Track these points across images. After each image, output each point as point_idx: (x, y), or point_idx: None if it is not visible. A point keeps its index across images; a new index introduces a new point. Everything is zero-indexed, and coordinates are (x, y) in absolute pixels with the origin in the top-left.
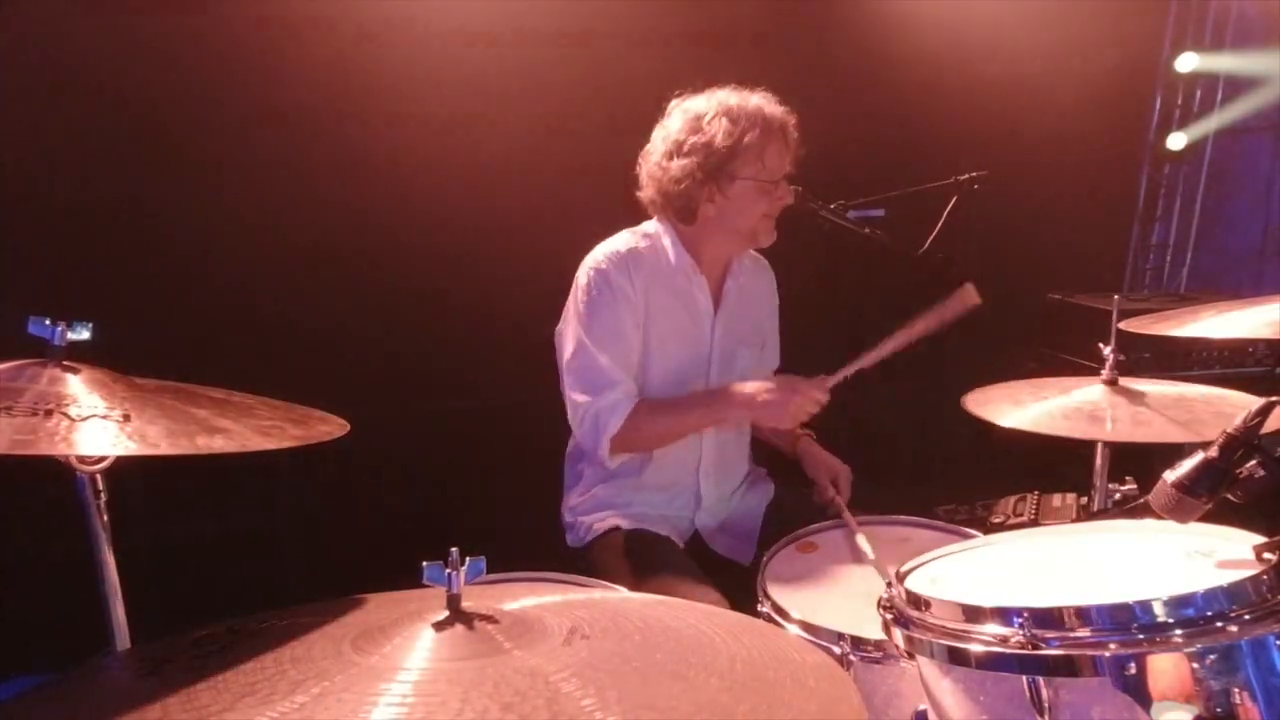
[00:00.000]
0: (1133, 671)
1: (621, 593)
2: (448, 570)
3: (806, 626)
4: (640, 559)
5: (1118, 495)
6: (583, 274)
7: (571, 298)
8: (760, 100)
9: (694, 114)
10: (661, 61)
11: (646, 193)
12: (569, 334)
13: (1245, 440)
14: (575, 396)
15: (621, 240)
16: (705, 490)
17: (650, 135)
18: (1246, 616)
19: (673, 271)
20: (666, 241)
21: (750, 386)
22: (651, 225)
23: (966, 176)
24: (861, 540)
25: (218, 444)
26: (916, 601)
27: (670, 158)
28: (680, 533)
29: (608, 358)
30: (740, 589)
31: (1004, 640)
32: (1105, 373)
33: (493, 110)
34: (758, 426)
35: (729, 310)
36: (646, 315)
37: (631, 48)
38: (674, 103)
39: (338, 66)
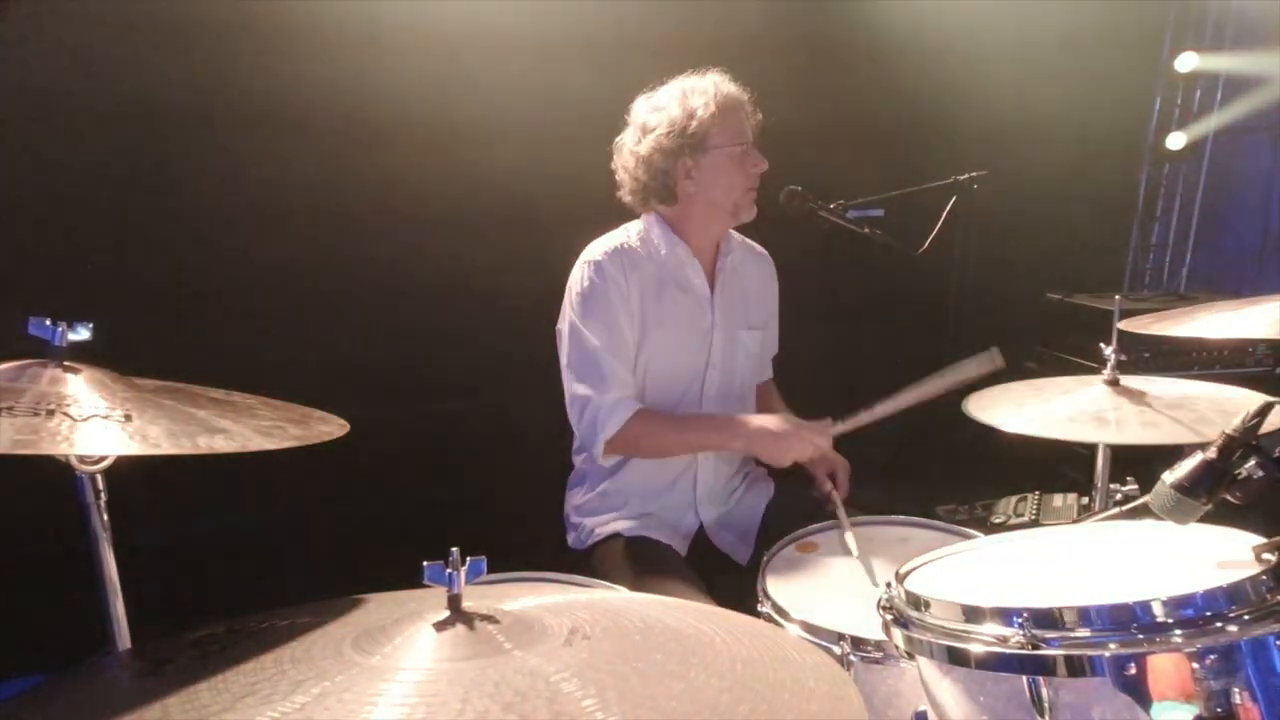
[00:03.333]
0: (1133, 671)
1: (622, 593)
2: (448, 570)
3: (807, 626)
4: (641, 567)
5: (1119, 495)
6: (577, 269)
7: (567, 294)
8: (714, 77)
9: (654, 97)
10: (660, 62)
11: (626, 187)
12: (567, 328)
13: (1244, 441)
14: (575, 390)
15: (614, 236)
16: (703, 468)
17: None
18: (1246, 616)
19: (665, 259)
20: (656, 232)
21: (756, 420)
22: (639, 223)
23: (966, 176)
24: (849, 539)
25: (219, 444)
26: (916, 602)
27: (639, 140)
28: (683, 532)
29: (606, 350)
30: (741, 589)
31: (1004, 640)
32: (1106, 373)
33: (492, 113)
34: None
35: (725, 289)
36: (641, 306)
37: (630, 49)
38: (638, 100)
39: (338, 71)
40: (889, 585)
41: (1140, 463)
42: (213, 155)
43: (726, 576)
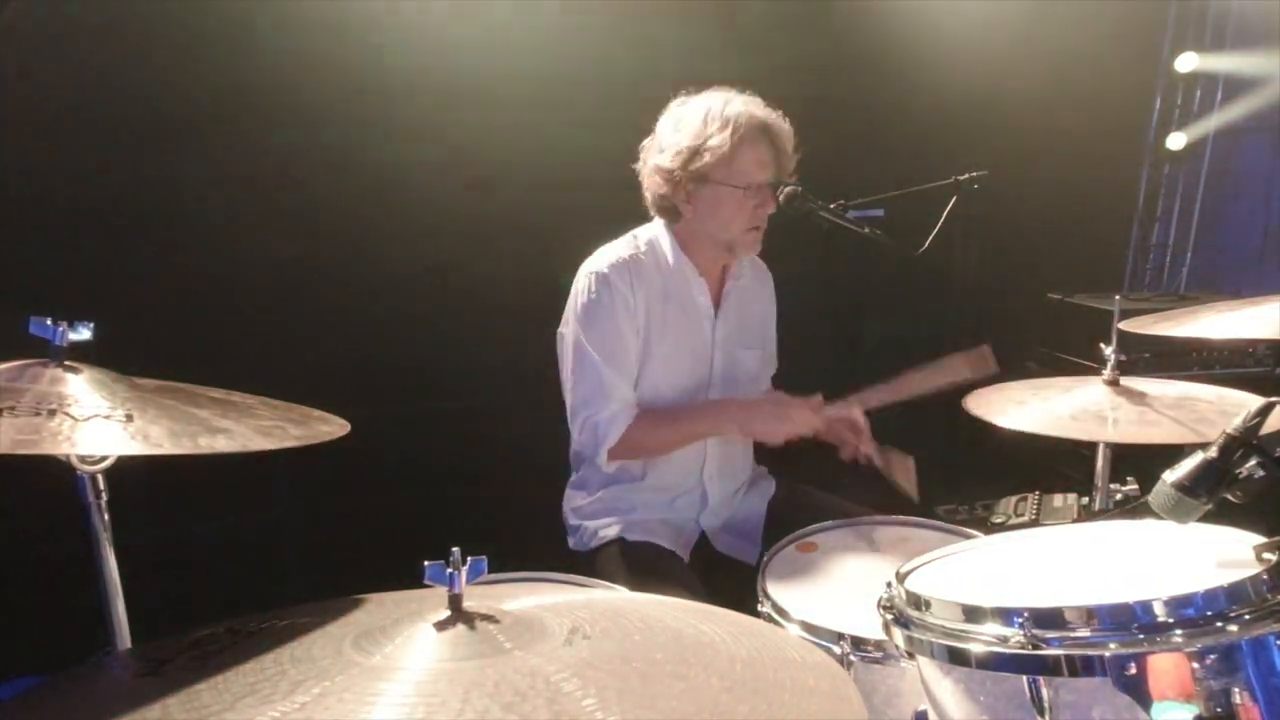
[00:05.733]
0: (1133, 671)
1: (622, 593)
2: (449, 570)
3: (806, 626)
4: (643, 573)
5: (1119, 495)
6: (582, 278)
7: (571, 302)
8: (744, 103)
9: (679, 113)
10: (663, 61)
11: (645, 190)
12: (569, 338)
13: (1245, 440)
14: (575, 403)
15: (622, 246)
16: (711, 491)
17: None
18: (1246, 616)
19: (671, 274)
20: (664, 244)
21: (748, 400)
22: (649, 229)
23: (966, 176)
24: (906, 486)
25: (219, 444)
26: (916, 601)
27: (656, 153)
28: (685, 537)
29: (607, 365)
30: (744, 589)
31: (1004, 640)
32: (1107, 373)
33: (492, 111)
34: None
35: (729, 312)
36: (647, 320)
37: (633, 47)
38: (673, 102)
39: (339, 67)
40: (889, 585)
41: (1140, 463)
42: (214, 154)
43: (730, 577)
